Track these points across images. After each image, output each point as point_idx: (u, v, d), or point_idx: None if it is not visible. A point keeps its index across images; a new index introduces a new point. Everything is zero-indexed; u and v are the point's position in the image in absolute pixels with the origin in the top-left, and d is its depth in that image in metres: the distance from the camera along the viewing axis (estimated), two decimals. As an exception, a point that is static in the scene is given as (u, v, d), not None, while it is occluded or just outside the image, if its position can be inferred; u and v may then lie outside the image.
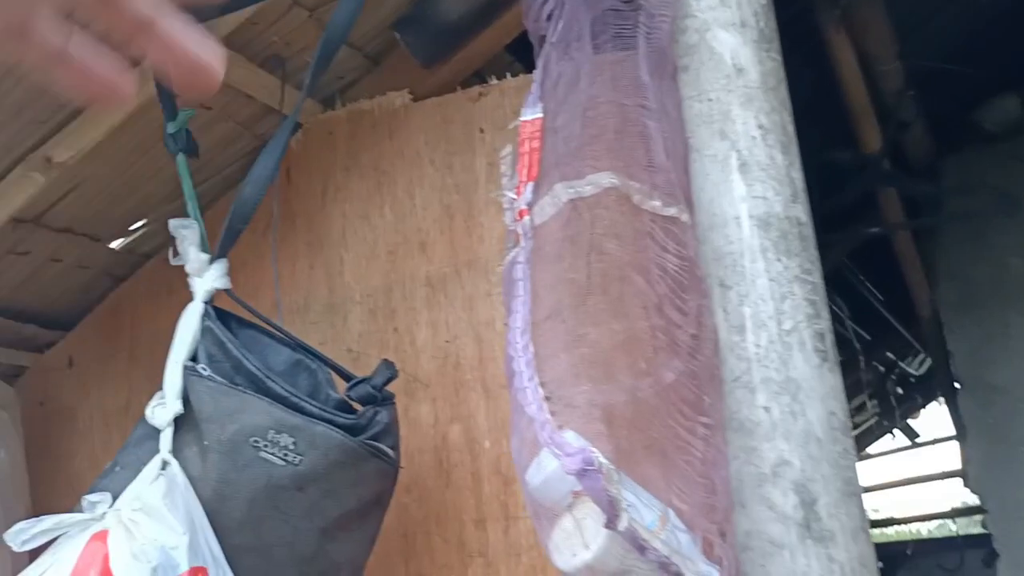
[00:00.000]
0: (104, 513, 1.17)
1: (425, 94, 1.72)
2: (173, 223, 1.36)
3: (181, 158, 1.42)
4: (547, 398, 1.11)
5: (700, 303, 1.25)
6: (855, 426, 4.86)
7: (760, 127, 1.34)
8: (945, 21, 2.69)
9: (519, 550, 1.50)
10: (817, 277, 1.32)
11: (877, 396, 4.83)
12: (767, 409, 1.25)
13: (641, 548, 1.07)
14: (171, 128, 1.42)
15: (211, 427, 1.24)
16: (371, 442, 1.31)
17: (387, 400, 1.37)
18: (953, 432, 3.58)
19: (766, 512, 1.22)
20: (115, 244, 1.90)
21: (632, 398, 1.14)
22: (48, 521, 1.15)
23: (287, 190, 1.80)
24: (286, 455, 1.25)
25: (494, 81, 1.67)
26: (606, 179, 1.24)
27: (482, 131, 1.66)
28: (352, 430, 1.30)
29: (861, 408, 4.87)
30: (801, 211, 1.34)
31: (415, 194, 1.70)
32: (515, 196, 1.28)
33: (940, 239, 2.97)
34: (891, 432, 5.56)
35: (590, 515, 1.10)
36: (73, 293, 1.93)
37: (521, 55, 1.91)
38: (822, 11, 2.20)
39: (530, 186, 1.28)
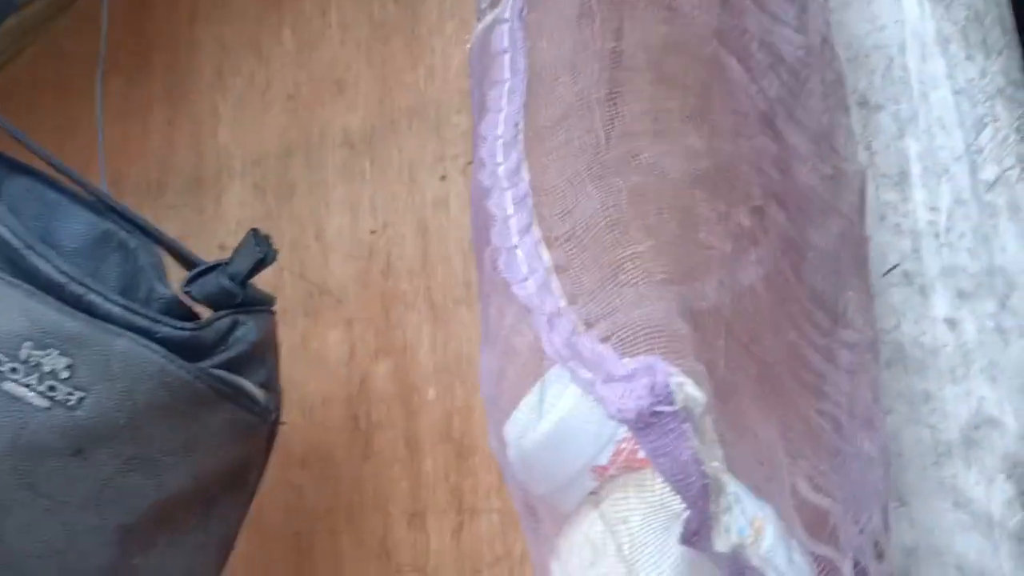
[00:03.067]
0: None
1: None
2: None
3: None
4: (561, 269, 0.52)
5: (838, 121, 0.67)
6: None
7: None
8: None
9: (478, 564, 0.92)
10: (1027, 95, 0.75)
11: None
12: (952, 324, 0.67)
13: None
14: None
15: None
16: (222, 372, 0.72)
17: (257, 304, 0.78)
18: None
19: (952, 513, 0.66)
20: None
21: (730, 283, 0.56)
22: None
23: (138, 4, 1.20)
24: (53, 389, 0.66)
25: None
26: None
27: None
28: (186, 349, 0.71)
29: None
30: (999, -15, 0.77)
31: (330, 8, 1.10)
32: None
33: None
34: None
35: (639, 514, 0.52)
36: None
37: None
38: None
39: None
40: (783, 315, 0.60)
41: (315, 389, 1.01)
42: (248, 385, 0.74)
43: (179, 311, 0.76)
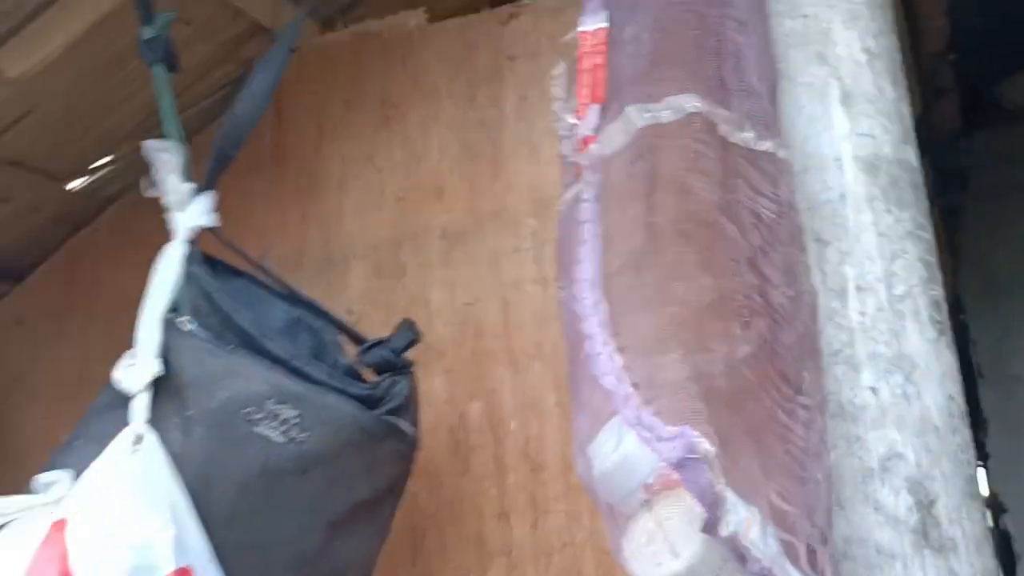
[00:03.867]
0: (59, 496, 0.92)
1: (443, 14, 1.48)
2: (150, 144, 1.11)
3: (159, 69, 1.17)
4: (627, 367, 0.88)
5: (798, 258, 1.03)
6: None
7: (866, 51, 1.11)
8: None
9: (549, 550, 1.28)
10: (930, 233, 1.10)
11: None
12: (874, 390, 1.03)
13: (742, 557, 0.85)
14: (148, 33, 1.17)
15: (196, 394, 1.00)
16: (389, 418, 1.08)
17: (406, 368, 1.14)
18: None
19: (873, 515, 1.01)
20: (74, 184, 1.64)
21: (728, 370, 0.92)
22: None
23: (276, 126, 1.55)
24: (287, 431, 1.02)
25: (526, 1, 1.43)
26: (689, 103, 1.01)
27: (512, 59, 1.43)
28: (367, 402, 1.07)
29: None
30: (911, 154, 1.12)
31: (431, 132, 1.46)
32: (575, 121, 1.05)
33: (964, 220, 2.78)
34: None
35: (677, 515, 0.88)
36: (23, 240, 1.67)
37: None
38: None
39: (595, 109, 1.04)
40: (761, 388, 0.95)
41: (425, 421, 1.36)
42: (404, 425, 1.10)
43: (355, 375, 1.12)
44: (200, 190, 1.10)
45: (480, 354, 1.37)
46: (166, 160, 1.10)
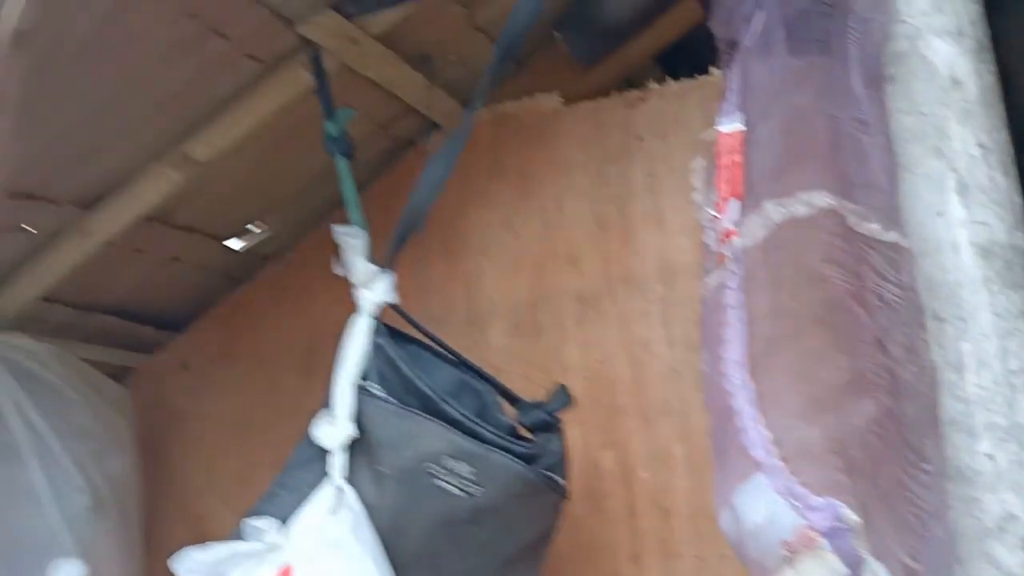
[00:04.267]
0: (279, 544, 1.08)
1: (578, 97, 1.62)
2: (337, 230, 1.27)
3: (342, 161, 1.33)
4: (776, 441, 1.01)
5: (919, 336, 1.15)
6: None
7: (980, 146, 1.23)
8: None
9: (679, 590, 1.41)
10: (1042, 313, 1.21)
11: None
12: (991, 457, 1.14)
13: (878, 610, 0.98)
14: (333, 130, 1.33)
15: (386, 452, 1.15)
16: (549, 473, 1.22)
17: (559, 428, 1.28)
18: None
19: (990, 571, 1.12)
20: (236, 244, 1.82)
21: (862, 441, 1.04)
22: (220, 550, 1.06)
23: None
24: (464, 486, 1.16)
25: (654, 85, 1.57)
26: (821, 199, 1.14)
27: (640, 138, 1.56)
28: (528, 459, 1.21)
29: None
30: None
31: (564, 204, 1.60)
32: (717, 214, 1.19)
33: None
34: None
35: (816, 572, 1.00)
36: (189, 293, 1.85)
37: (664, 62, 1.81)
38: None
39: (735, 204, 1.18)
40: (890, 456, 1.07)
41: (562, 469, 1.50)
42: (559, 478, 1.24)
43: (513, 432, 1.26)
44: (382, 270, 1.25)
45: (611, 408, 1.51)
46: (351, 244, 1.25)
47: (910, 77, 1.27)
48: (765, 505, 1.02)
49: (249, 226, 1.83)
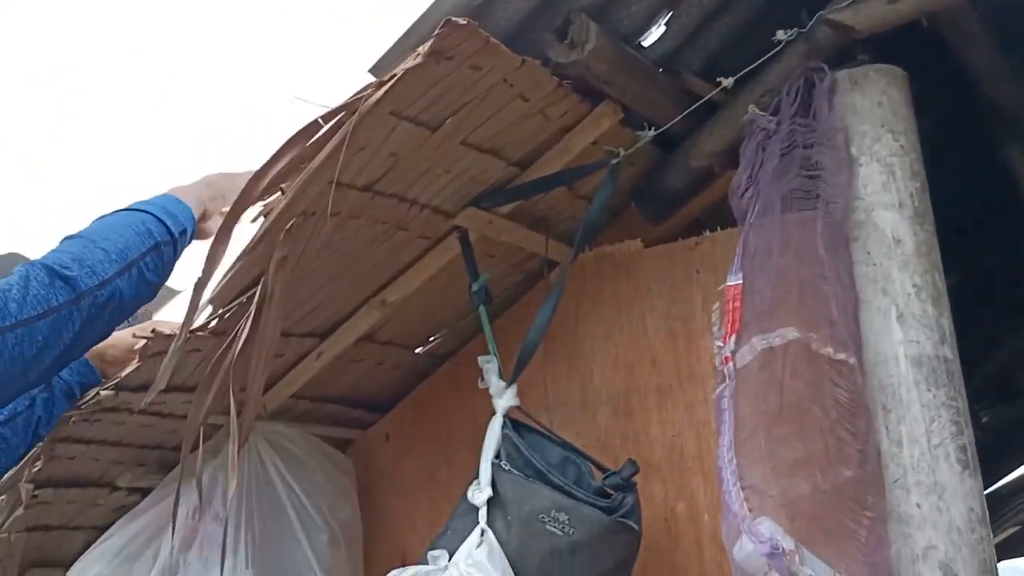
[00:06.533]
0: (446, 566, 1.74)
1: (654, 241, 2.23)
2: (480, 359, 1.94)
3: (483, 310, 2.00)
4: (746, 498, 1.59)
5: (866, 424, 1.69)
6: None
7: (915, 286, 1.76)
8: None
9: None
10: (961, 403, 1.73)
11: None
12: (919, 505, 1.67)
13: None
14: (476, 287, 2.00)
15: (512, 506, 1.80)
16: (622, 519, 1.83)
17: (632, 487, 1.88)
18: None
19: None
20: (420, 350, 2.52)
21: (813, 496, 1.60)
22: (413, 571, 1.73)
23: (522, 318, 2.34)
24: (564, 528, 1.79)
25: (707, 233, 2.16)
26: (791, 333, 1.71)
27: (698, 272, 2.15)
28: (608, 511, 1.82)
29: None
30: (948, 351, 1.75)
31: (647, 320, 2.21)
32: (723, 344, 1.77)
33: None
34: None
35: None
36: (388, 385, 2.57)
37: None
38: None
39: (733, 338, 1.76)
40: (836, 506, 1.62)
41: (647, 514, 2.09)
42: (632, 523, 1.85)
43: (601, 491, 1.88)
44: (509, 384, 1.91)
45: (683, 469, 2.09)
46: (488, 367, 1.92)
47: (866, 238, 1.81)
48: (743, 545, 1.60)
49: (430, 338, 2.53)
